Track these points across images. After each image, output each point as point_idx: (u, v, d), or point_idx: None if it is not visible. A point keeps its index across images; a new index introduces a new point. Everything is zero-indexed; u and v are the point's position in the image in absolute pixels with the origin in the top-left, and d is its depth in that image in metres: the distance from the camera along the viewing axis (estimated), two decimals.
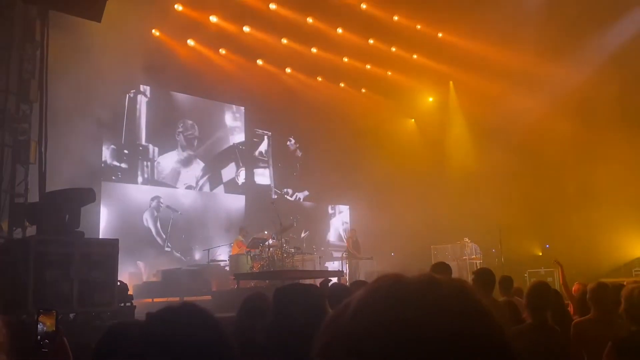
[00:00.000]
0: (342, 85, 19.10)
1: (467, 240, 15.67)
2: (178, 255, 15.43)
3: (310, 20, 16.67)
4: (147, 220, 15.34)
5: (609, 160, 14.79)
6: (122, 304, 7.83)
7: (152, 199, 15.55)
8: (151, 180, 15.82)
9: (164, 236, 15.49)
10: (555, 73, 15.33)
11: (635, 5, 15.10)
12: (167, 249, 15.42)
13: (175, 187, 16.28)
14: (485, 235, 15.43)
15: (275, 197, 18.31)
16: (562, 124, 16.70)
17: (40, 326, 2.53)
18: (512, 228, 14.90)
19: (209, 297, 12.07)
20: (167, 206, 15.69)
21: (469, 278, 8.77)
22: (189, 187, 16.63)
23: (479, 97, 17.23)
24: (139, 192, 15.46)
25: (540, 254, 16.99)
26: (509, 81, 16.07)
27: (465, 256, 15.36)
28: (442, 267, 5.33)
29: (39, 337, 2.51)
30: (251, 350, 2.79)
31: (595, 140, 15.78)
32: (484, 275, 5.45)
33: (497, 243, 14.33)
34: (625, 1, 15.29)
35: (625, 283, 4.19)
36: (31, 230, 8.36)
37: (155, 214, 15.50)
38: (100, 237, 12.72)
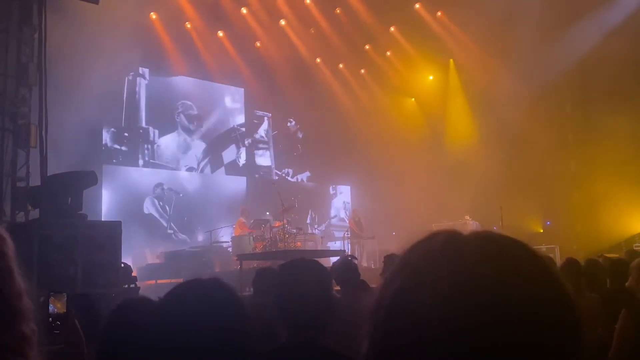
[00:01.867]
0: (341, 66, 19.00)
1: (468, 218, 15.71)
2: (181, 237, 15.49)
3: (307, 1, 16.55)
4: (149, 205, 15.37)
5: (609, 136, 14.77)
6: (127, 286, 7.88)
7: (156, 186, 15.56)
8: (152, 163, 15.82)
9: (167, 218, 15.54)
10: (556, 49, 15.23)
11: None
12: (169, 231, 15.47)
13: (176, 169, 16.29)
14: (486, 213, 15.45)
15: (277, 178, 18.34)
16: (562, 100, 16.69)
17: (51, 308, 2.56)
18: (513, 205, 14.91)
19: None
20: (169, 188, 15.72)
21: None
22: (190, 169, 16.64)
23: (479, 74, 17.16)
24: (140, 175, 15.47)
25: (542, 230, 17.05)
26: (509, 58, 15.98)
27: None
28: None
29: (50, 319, 2.54)
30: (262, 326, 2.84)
31: (595, 116, 15.75)
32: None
33: (498, 220, 14.34)
34: None
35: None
36: (34, 214, 8.39)
37: (157, 201, 15.52)
38: (103, 220, 12.75)
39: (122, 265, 7.80)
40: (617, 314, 3.57)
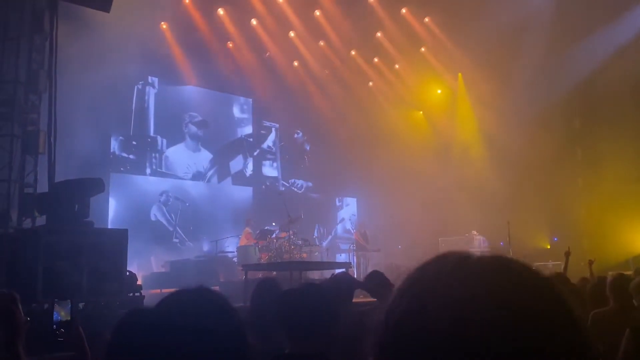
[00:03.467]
0: (349, 78, 19.03)
1: (475, 233, 15.64)
2: (186, 246, 15.49)
3: (317, 13, 16.62)
4: (156, 212, 15.39)
5: (617, 154, 14.71)
6: (131, 294, 7.86)
7: (161, 194, 15.59)
8: (159, 172, 15.86)
9: (172, 227, 15.54)
10: (565, 65, 15.21)
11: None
12: (175, 240, 15.47)
13: (183, 178, 16.32)
14: (493, 228, 15.38)
15: (283, 189, 18.33)
16: (570, 116, 16.66)
17: (55, 315, 2.54)
18: (521, 221, 14.83)
19: (216, 288, 12.10)
20: (175, 197, 15.74)
21: None
22: (197, 179, 16.67)
23: (488, 90, 17.14)
24: (148, 184, 15.51)
25: (549, 247, 16.95)
26: (518, 74, 15.95)
27: (473, 249, 15.29)
28: None
29: (54, 326, 2.53)
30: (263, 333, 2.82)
31: (602, 133, 15.71)
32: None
33: (506, 236, 14.27)
34: None
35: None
36: (40, 221, 8.40)
37: (164, 208, 15.55)
38: (109, 227, 12.75)
39: (128, 273, 7.78)
40: None
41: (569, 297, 0.76)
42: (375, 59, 18.71)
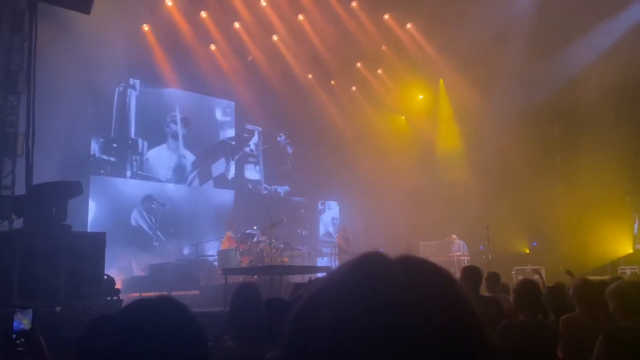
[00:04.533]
0: (332, 82, 19.07)
1: (454, 237, 15.75)
2: (166, 249, 15.37)
3: (300, 17, 16.65)
4: (136, 215, 15.29)
5: (596, 159, 14.88)
6: (109, 298, 7.81)
7: (142, 198, 15.49)
8: (140, 175, 15.76)
9: (153, 230, 15.45)
10: (545, 71, 15.37)
11: (626, 4, 15.13)
12: (155, 243, 15.37)
13: (164, 181, 16.23)
14: (473, 233, 15.51)
15: (265, 192, 18.31)
16: (550, 122, 16.84)
17: (16, 324, 2.50)
18: (500, 226, 14.98)
19: (197, 292, 12.06)
20: (156, 200, 15.64)
21: (457, 275, 8.81)
22: (178, 182, 16.58)
23: (468, 95, 17.29)
24: (128, 186, 15.40)
25: (528, 251, 17.12)
26: (498, 79, 16.10)
27: (453, 253, 15.44)
28: None
29: (14, 335, 2.48)
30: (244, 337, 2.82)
31: (582, 138, 15.89)
32: (471, 272, 5.51)
33: (485, 240, 14.39)
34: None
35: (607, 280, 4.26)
36: (18, 223, 8.31)
37: (144, 211, 15.45)
38: (89, 230, 12.65)
39: (106, 277, 7.73)
40: None
41: (466, 294, 0.77)
42: (358, 64, 18.77)
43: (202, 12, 15.71)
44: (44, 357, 2.50)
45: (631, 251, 15.47)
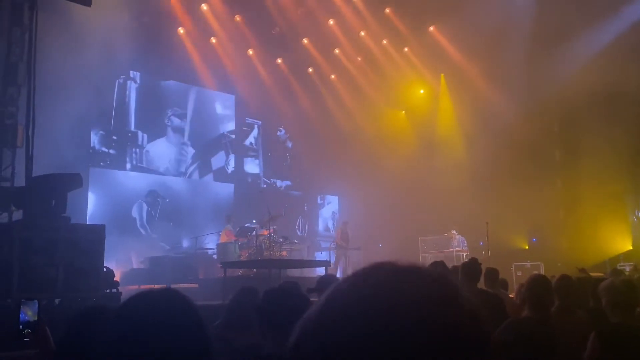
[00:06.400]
0: (332, 77, 19.04)
1: (454, 232, 15.76)
2: (165, 242, 15.39)
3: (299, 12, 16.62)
4: (136, 207, 15.28)
5: (596, 156, 14.90)
6: (108, 290, 7.81)
7: (148, 194, 15.49)
8: (140, 167, 15.75)
9: (152, 223, 15.44)
10: (546, 68, 15.35)
11: (624, 4, 15.10)
12: (154, 235, 15.36)
13: (164, 174, 16.22)
14: (472, 228, 15.52)
15: (265, 186, 18.31)
16: (550, 119, 16.82)
17: (22, 315, 2.53)
18: (500, 221, 14.99)
19: (195, 285, 12.08)
20: (156, 193, 15.64)
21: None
22: (177, 175, 16.58)
23: (469, 90, 17.27)
24: (128, 179, 15.39)
25: (527, 247, 17.14)
26: (499, 75, 16.10)
27: (452, 248, 15.45)
28: (439, 265, 5.25)
29: (20, 326, 2.51)
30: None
31: (582, 135, 15.90)
32: (470, 267, 5.48)
33: (484, 236, 14.40)
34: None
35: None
36: (17, 215, 8.31)
37: (144, 203, 15.44)
38: (88, 223, 12.65)
39: (105, 269, 7.73)
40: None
41: (477, 306, 0.78)
42: (359, 58, 18.73)
43: (202, 4, 15.67)
44: (50, 348, 2.51)
45: (630, 248, 15.50)
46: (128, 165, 15.56)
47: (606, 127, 14.53)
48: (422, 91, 20.13)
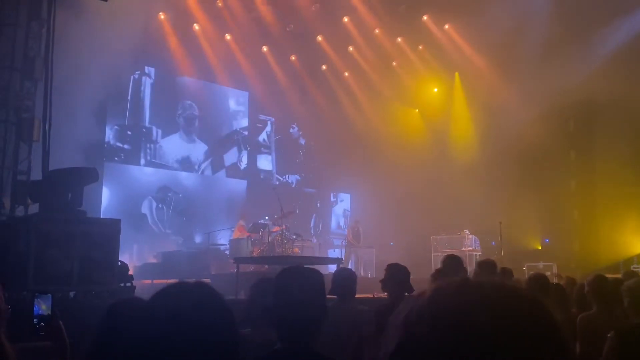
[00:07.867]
0: (346, 74, 19.01)
1: (467, 232, 15.67)
2: (178, 237, 15.47)
3: (313, 8, 16.57)
4: (149, 203, 15.36)
5: (611, 157, 14.78)
6: (122, 284, 7.85)
7: (160, 189, 15.57)
8: (154, 162, 15.83)
9: (165, 218, 15.52)
10: (562, 67, 15.23)
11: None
12: (167, 231, 15.45)
13: (177, 169, 16.29)
14: (485, 228, 15.44)
15: (277, 183, 18.33)
16: (565, 118, 16.69)
17: (36, 309, 2.54)
18: (513, 221, 14.90)
19: (208, 280, 12.10)
20: (169, 188, 15.72)
21: (470, 269, 8.79)
22: (191, 170, 16.64)
23: (484, 89, 17.16)
24: (142, 174, 15.48)
25: (540, 247, 17.03)
26: (514, 74, 15.99)
27: (465, 248, 15.37)
28: (454, 259, 5.21)
29: (35, 320, 2.52)
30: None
31: (597, 135, 15.77)
32: (486, 266, 5.42)
33: (497, 236, 14.33)
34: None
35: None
36: (33, 208, 8.38)
37: (157, 199, 15.51)
38: (102, 217, 12.72)
39: (119, 263, 7.77)
40: None
41: (561, 324, 0.81)
42: (373, 56, 18.66)
43: (218, 1, 15.69)
44: (64, 342, 2.52)
45: None
46: (142, 161, 15.64)
47: (623, 126, 14.40)
48: (436, 89, 20.04)
